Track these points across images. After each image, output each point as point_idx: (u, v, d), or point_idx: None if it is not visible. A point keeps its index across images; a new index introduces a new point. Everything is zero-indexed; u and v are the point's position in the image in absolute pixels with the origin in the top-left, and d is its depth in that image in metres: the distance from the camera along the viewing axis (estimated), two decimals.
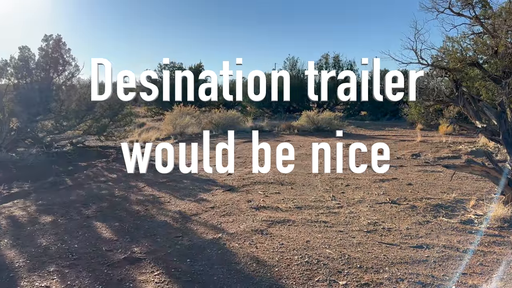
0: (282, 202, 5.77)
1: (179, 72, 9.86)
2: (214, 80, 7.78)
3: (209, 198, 5.92)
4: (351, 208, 5.47)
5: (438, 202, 5.63)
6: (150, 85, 6.78)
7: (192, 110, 14.96)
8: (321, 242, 4.21)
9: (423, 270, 3.54)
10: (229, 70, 6.41)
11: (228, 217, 5.04)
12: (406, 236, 4.37)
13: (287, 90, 7.27)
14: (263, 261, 3.75)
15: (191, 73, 8.10)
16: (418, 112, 13.22)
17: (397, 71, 7.25)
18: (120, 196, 6.13)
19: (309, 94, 7.45)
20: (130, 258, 3.83)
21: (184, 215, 5.17)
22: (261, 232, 4.51)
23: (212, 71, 6.07)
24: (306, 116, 15.80)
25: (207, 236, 4.39)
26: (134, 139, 12.18)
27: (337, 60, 22.53)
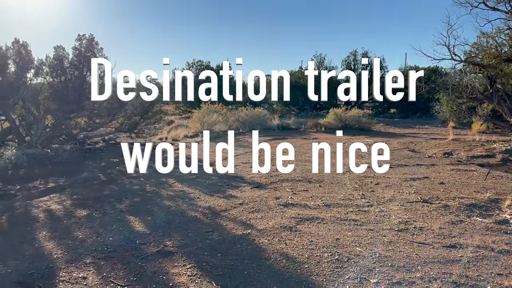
0: (310, 199, 5.76)
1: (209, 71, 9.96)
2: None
3: (237, 195, 5.98)
4: (381, 206, 5.40)
5: (472, 201, 5.49)
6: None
7: (219, 108, 15.09)
8: (351, 240, 4.19)
9: (457, 270, 3.46)
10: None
11: (256, 214, 5.08)
12: (438, 236, 4.29)
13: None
14: (292, 257, 3.76)
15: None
16: (450, 109, 12.87)
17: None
18: (152, 192, 6.28)
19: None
20: (163, 251, 3.93)
21: (214, 210, 5.25)
22: (290, 229, 4.52)
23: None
24: (334, 113, 15.64)
25: (237, 232, 4.44)
26: (163, 136, 12.41)
27: (365, 56, 22.16)
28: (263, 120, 15.35)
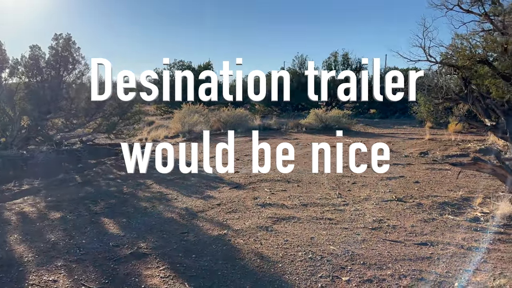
0: (288, 199, 5.80)
1: (187, 71, 9.89)
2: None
3: (215, 195, 5.98)
4: (356, 205, 5.47)
5: (445, 200, 5.61)
6: (151, 85, 6.82)
7: (200, 108, 15.04)
8: (326, 239, 4.24)
9: (427, 267, 3.54)
10: (229, 70, 6.47)
11: (234, 214, 5.08)
12: (410, 234, 4.37)
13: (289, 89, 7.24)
14: (267, 257, 3.78)
15: (191, 73, 8.12)
16: (427, 110, 13.08)
17: (397, 71, 7.24)
18: (128, 193, 6.22)
19: (309, 94, 7.46)
20: (137, 253, 3.90)
21: (191, 211, 5.23)
22: (266, 228, 4.54)
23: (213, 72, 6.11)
24: (314, 114, 15.76)
25: (213, 233, 4.43)
26: (143, 137, 12.30)
27: (346, 58, 22.41)
28: (245, 121, 15.35)
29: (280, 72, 15.35)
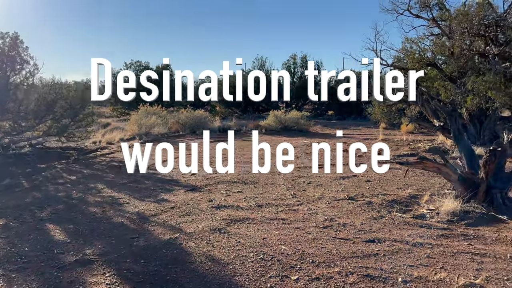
0: (243, 200, 5.80)
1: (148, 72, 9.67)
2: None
3: (170, 199, 5.88)
4: (310, 205, 5.56)
5: (394, 198, 5.81)
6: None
7: (158, 110, 14.78)
8: (278, 239, 4.27)
9: (373, 264, 3.64)
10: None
11: (187, 217, 5.02)
12: (360, 231, 4.49)
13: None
14: (218, 259, 3.76)
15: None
16: (381, 111, 13.55)
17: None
18: (78, 198, 5.99)
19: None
20: (82, 260, 3.76)
21: (143, 216, 5.11)
22: (219, 231, 4.52)
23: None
24: (274, 115, 15.90)
25: (164, 237, 4.35)
26: (97, 139, 11.91)
27: (304, 60, 22.79)
28: (204, 122, 15.24)
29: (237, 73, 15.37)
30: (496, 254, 3.85)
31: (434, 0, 10.63)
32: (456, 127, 5.94)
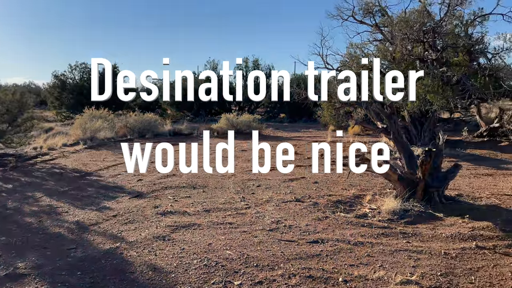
0: (191, 206, 5.70)
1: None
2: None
3: (113, 206, 5.66)
4: (258, 208, 5.56)
5: (339, 198, 5.96)
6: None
7: (105, 114, 14.25)
8: (223, 244, 4.22)
9: (315, 264, 3.70)
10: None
11: (130, 225, 4.84)
12: (304, 232, 4.55)
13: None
14: (160, 268, 3.65)
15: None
16: (329, 114, 13.90)
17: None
18: (13, 208, 5.61)
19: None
20: (13, 274, 3.51)
21: (82, 225, 4.87)
22: (163, 238, 4.40)
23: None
24: (226, 118, 15.86)
25: (104, 247, 4.17)
26: (38, 145, 11.25)
27: (256, 64, 22.96)
28: (154, 126, 14.90)
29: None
30: (432, 251, 4.04)
31: (377, 7, 11.08)
32: (395, 129, 6.20)
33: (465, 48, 10.41)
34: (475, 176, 7.73)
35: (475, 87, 10.03)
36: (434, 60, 10.48)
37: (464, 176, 7.54)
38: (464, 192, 6.33)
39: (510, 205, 5.63)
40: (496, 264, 3.72)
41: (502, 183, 7.05)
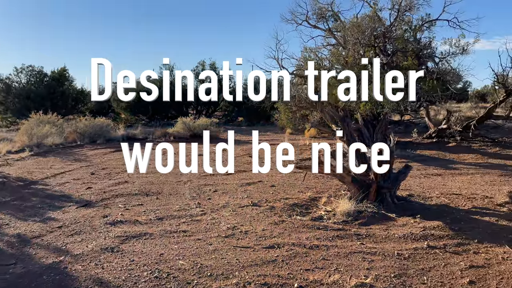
0: (143, 214, 5.48)
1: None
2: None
3: (58, 217, 5.32)
4: (214, 214, 5.44)
5: (295, 201, 5.95)
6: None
7: (53, 118, 13.55)
8: (176, 253, 4.06)
9: (271, 271, 3.63)
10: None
11: (76, 237, 4.56)
12: (261, 238, 4.48)
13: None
14: (107, 282, 3.44)
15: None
16: (286, 117, 14.02)
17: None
18: None
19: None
20: None
21: (24, 238, 4.54)
22: (112, 249, 4.17)
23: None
24: (182, 122, 15.56)
25: (47, 261, 3.89)
26: None
27: (213, 67, 22.78)
28: (106, 131, 14.34)
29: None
30: (385, 252, 4.09)
31: (330, 12, 11.27)
32: (348, 131, 6.30)
33: (414, 53, 10.83)
34: (425, 176, 8.01)
35: (423, 90, 10.45)
36: (384, 64, 10.82)
37: (414, 177, 7.79)
38: (415, 192, 6.53)
39: (458, 204, 5.86)
40: (446, 263, 3.82)
41: (450, 183, 7.35)
